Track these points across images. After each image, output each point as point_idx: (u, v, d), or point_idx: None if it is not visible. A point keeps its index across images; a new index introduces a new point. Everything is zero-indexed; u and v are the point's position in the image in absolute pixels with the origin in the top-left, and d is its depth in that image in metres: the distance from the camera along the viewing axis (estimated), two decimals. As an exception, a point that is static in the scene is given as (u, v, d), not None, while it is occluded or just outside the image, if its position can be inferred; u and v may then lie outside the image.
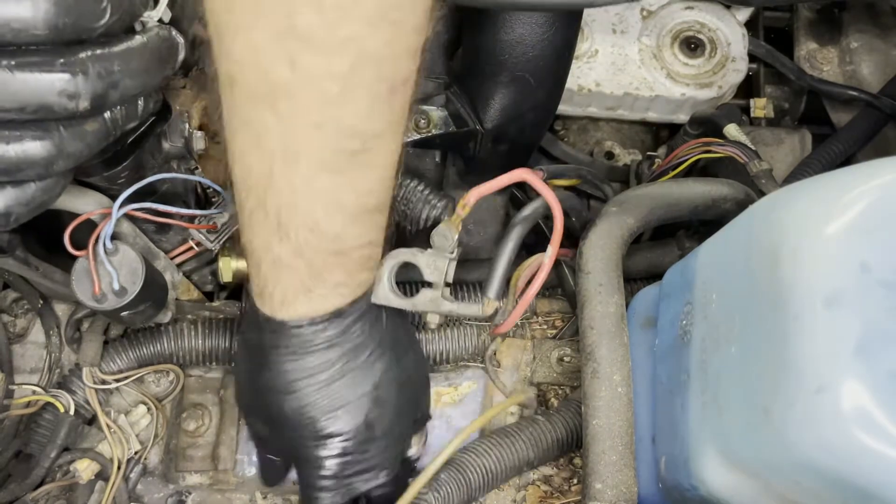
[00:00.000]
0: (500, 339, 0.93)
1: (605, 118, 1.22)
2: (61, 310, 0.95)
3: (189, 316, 0.94)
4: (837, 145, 1.07)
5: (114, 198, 0.81)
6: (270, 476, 0.87)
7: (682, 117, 1.18)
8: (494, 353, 0.93)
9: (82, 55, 0.63)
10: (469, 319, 0.92)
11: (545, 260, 0.85)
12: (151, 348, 0.91)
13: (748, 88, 1.23)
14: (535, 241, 0.95)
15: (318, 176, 0.63)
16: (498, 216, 1.03)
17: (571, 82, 1.15)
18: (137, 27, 0.70)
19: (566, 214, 0.89)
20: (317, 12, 0.55)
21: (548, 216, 0.86)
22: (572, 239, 0.93)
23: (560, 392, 0.93)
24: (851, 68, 1.19)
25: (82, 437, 0.91)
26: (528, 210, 0.87)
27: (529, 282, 0.87)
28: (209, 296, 0.99)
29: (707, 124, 1.04)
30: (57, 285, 0.88)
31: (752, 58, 1.20)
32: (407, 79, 0.62)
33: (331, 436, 0.75)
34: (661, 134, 1.26)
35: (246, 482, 0.90)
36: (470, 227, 1.05)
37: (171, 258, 0.92)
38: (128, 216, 0.84)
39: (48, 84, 0.61)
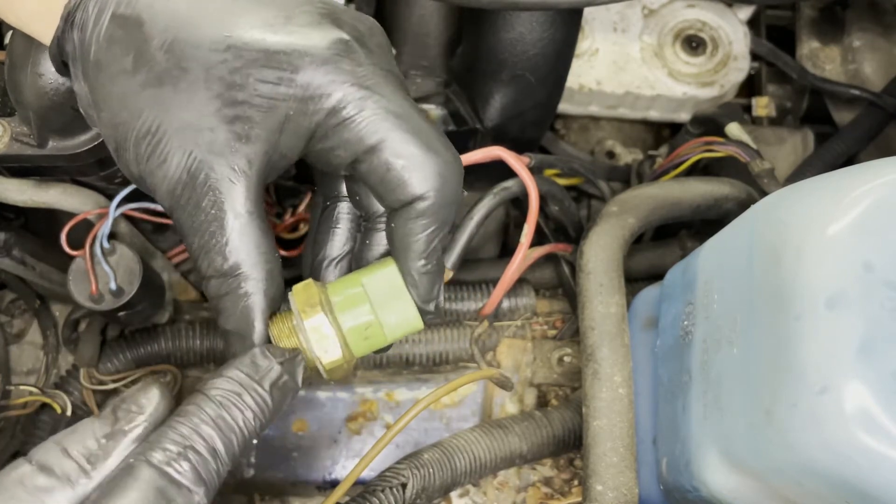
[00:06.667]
0: (488, 323, 0.92)
1: (606, 117, 1.22)
2: (58, 310, 0.95)
3: (187, 316, 0.94)
4: (840, 144, 1.07)
5: (111, 197, 0.80)
6: None
7: (684, 116, 1.18)
8: (494, 355, 0.93)
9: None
10: None
11: (522, 239, 0.84)
12: (149, 349, 0.90)
13: (750, 87, 1.23)
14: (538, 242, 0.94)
15: None
16: (496, 216, 1.03)
17: (572, 81, 1.14)
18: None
19: (546, 202, 0.88)
20: None
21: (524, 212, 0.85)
22: (565, 234, 0.93)
23: (560, 393, 0.93)
24: (854, 67, 1.18)
25: (80, 439, 0.91)
26: (498, 187, 0.85)
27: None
28: (207, 296, 0.99)
29: (708, 123, 1.04)
30: (54, 285, 0.88)
31: (754, 56, 1.20)
32: None
33: None
34: (663, 133, 1.25)
35: (244, 484, 0.90)
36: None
37: (169, 258, 0.92)
38: (125, 216, 0.83)
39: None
